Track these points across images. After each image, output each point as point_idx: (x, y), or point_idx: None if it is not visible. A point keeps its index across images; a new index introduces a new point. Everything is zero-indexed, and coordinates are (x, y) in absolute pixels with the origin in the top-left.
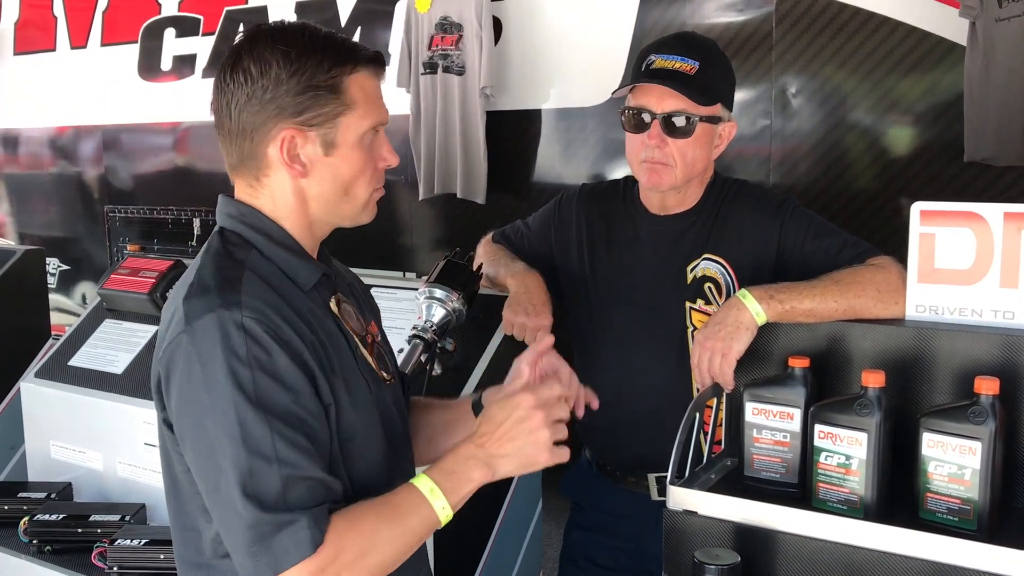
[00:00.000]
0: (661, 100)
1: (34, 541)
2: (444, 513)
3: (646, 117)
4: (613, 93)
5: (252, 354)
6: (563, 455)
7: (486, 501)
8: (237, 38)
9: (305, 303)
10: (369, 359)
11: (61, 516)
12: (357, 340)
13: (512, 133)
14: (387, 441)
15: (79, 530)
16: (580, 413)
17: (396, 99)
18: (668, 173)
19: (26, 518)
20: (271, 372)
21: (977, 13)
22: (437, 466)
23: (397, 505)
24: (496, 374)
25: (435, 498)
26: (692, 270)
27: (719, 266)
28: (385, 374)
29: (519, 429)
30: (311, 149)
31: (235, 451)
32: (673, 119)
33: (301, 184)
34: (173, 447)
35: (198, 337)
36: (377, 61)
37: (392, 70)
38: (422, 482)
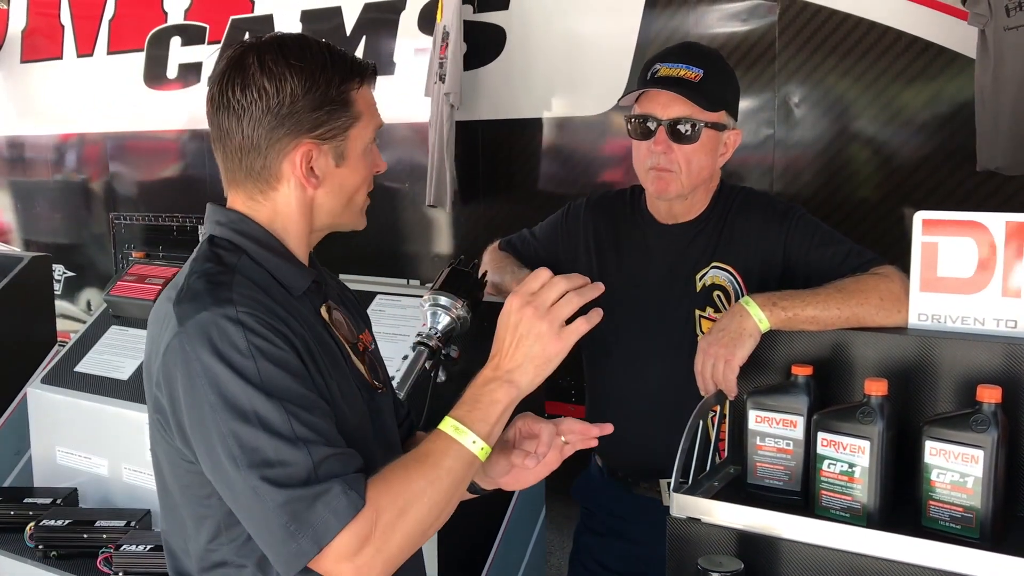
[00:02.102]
0: (666, 107)
1: (40, 546)
2: (477, 447)
3: (651, 124)
4: (619, 101)
5: (252, 344)
6: (579, 329)
7: (490, 507)
8: (230, 53)
9: (296, 308)
10: (361, 368)
11: (67, 522)
12: (349, 348)
13: (516, 142)
14: (381, 448)
15: (84, 536)
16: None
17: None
18: (674, 180)
19: (32, 523)
20: (274, 359)
21: (987, 21)
22: (458, 402)
23: (427, 454)
24: None
25: (462, 435)
26: (701, 278)
27: (727, 274)
28: (377, 383)
29: (519, 333)
30: (324, 162)
31: (255, 439)
32: (678, 125)
33: (311, 195)
34: (167, 460)
35: (194, 337)
36: (374, 74)
37: (398, 80)
38: (445, 423)
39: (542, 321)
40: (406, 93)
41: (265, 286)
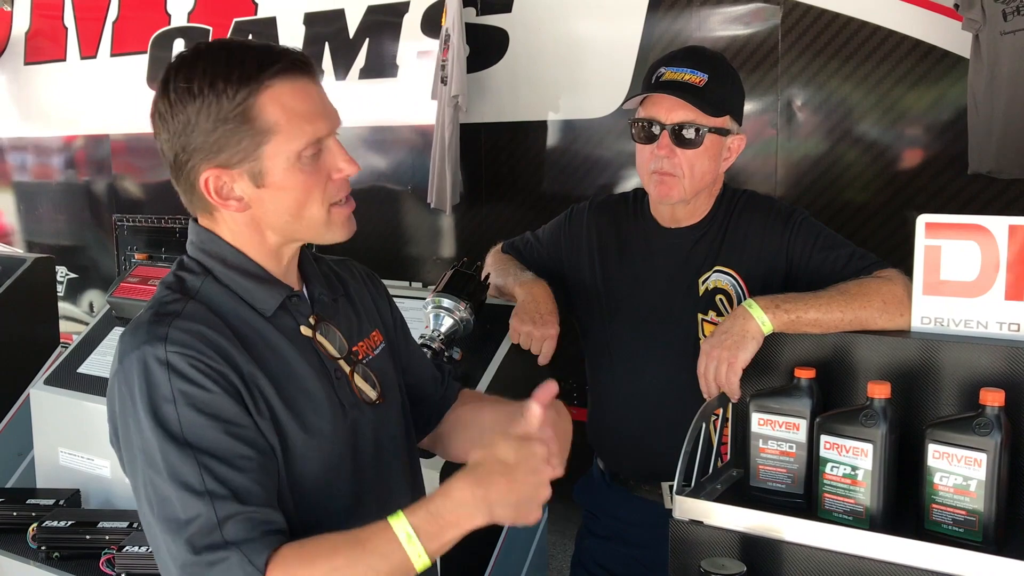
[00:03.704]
0: (670, 111)
1: (42, 548)
2: (420, 561)
3: (655, 128)
4: (623, 105)
5: (176, 389)
6: (539, 516)
7: None
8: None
9: (264, 331)
10: (352, 382)
11: (69, 523)
12: (340, 363)
13: (518, 145)
14: (355, 471)
15: (87, 537)
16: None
17: (408, 111)
18: (677, 185)
19: (34, 525)
20: (198, 406)
21: (980, 26)
22: (422, 506)
23: (364, 544)
24: (503, 383)
25: (411, 544)
26: (703, 282)
27: (730, 278)
28: (372, 394)
29: (529, 480)
30: (241, 185)
31: (165, 490)
32: (682, 130)
33: (249, 215)
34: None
35: (127, 376)
36: (297, 67)
37: (401, 82)
38: (399, 524)
39: (547, 488)
40: (409, 96)
41: (227, 311)
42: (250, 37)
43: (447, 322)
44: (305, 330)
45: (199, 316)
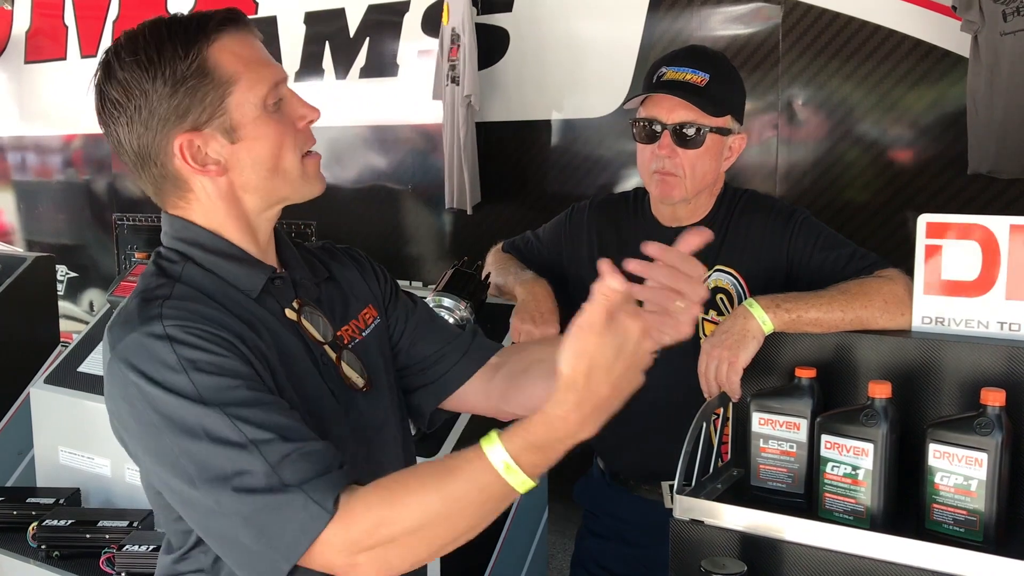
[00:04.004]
0: (671, 111)
1: (42, 546)
2: (524, 487)
3: (656, 128)
4: (624, 105)
5: (182, 357)
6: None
7: None
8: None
9: (254, 312)
10: (339, 368)
11: (69, 522)
12: (324, 348)
13: (519, 144)
14: (349, 458)
15: (87, 536)
16: None
17: (409, 111)
18: (678, 184)
19: (34, 523)
20: (209, 368)
21: (978, 27)
22: (520, 434)
23: (457, 475)
24: None
25: (511, 474)
26: (704, 281)
27: (731, 277)
28: (359, 381)
29: (631, 366)
30: (216, 145)
31: (204, 453)
32: (683, 130)
33: (226, 182)
34: (143, 481)
35: (124, 361)
36: (233, 20)
37: (402, 81)
38: (495, 452)
39: (649, 353)
40: (410, 95)
41: (213, 292)
42: None
43: (448, 321)
44: (290, 313)
45: (188, 296)
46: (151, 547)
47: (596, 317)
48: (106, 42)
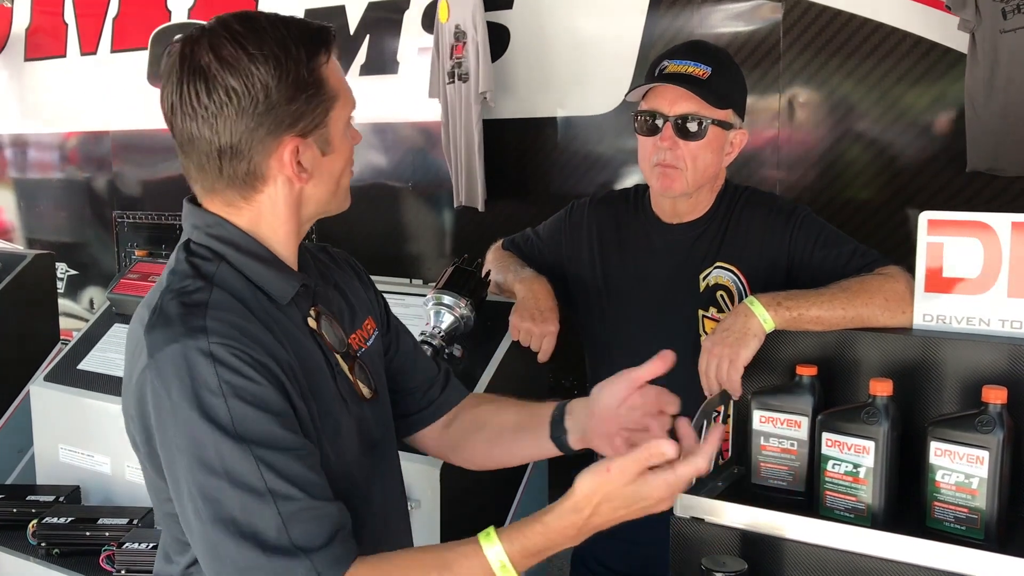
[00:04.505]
0: (674, 103)
1: (42, 544)
2: None
3: (658, 120)
4: (626, 96)
5: (223, 380)
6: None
7: (494, 504)
8: (177, 50)
9: (281, 320)
10: (350, 376)
11: (69, 519)
12: (338, 357)
13: (518, 142)
14: (360, 468)
15: (87, 533)
16: None
17: (410, 108)
18: (679, 177)
19: (34, 521)
20: (248, 398)
21: (974, 25)
22: (520, 535)
23: (452, 567)
24: (503, 380)
25: (505, 574)
26: (704, 278)
27: (731, 274)
28: (366, 390)
29: (651, 509)
30: (311, 154)
31: (219, 492)
32: (685, 122)
33: (301, 190)
34: (149, 485)
35: (163, 371)
36: (334, 38)
37: (402, 79)
38: (493, 551)
39: (661, 506)
40: (410, 92)
41: (246, 296)
42: None
43: (448, 319)
44: (311, 321)
45: (227, 304)
46: (151, 545)
47: (631, 468)
48: (106, 39)
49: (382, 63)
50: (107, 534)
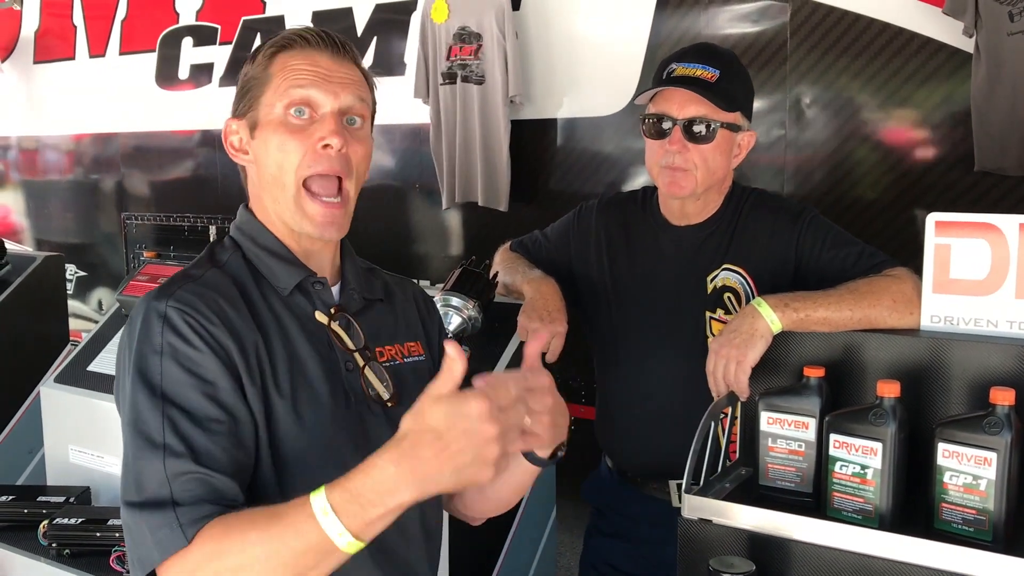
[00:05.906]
0: (683, 106)
1: (53, 545)
2: (343, 540)
3: (667, 123)
4: (634, 99)
5: (166, 341)
6: (490, 475)
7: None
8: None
9: (277, 309)
10: (366, 376)
11: (79, 520)
12: (354, 355)
13: (528, 143)
14: (354, 465)
15: (97, 534)
16: None
17: (417, 109)
18: (688, 179)
19: (45, 522)
20: (183, 362)
21: (972, 32)
22: (343, 482)
23: (281, 518)
24: None
25: (328, 522)
26: (712, 280)
27: (738, 276)
28: (385, 393)
29: (465, 444)
30: (242, 134)
31: (130, 436)
32: (694, 125)
33: (255, 174)
34: None
35: (131, 327)
36: (306, 38)
37: (409, 80)
38: (318, 499)
39: (496, 445)
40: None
41: (245, 282)
42: (258, 36)
43: (455, 320)
44: (320, 316)
45: (214, 282)
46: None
47: (441, 386)
48: (114, 42)
49: (389, 64)
50: (117, 535)
